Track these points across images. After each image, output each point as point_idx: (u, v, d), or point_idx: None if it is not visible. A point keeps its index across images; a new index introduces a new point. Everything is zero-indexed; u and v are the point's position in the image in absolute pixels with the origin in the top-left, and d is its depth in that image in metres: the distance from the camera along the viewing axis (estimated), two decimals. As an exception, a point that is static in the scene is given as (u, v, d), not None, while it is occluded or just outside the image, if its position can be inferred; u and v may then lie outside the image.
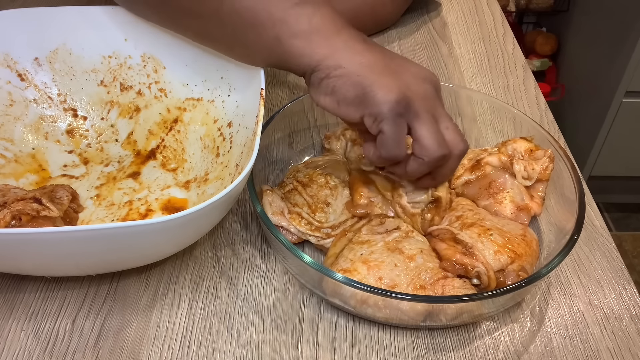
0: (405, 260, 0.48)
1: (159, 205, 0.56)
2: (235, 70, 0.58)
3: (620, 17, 1.55)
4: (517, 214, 0.54)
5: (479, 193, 0.56)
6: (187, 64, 0.61)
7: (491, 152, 0.58)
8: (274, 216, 0.52)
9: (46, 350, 0.46)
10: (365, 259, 0.48)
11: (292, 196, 0.55)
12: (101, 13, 0.61)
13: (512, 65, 0.81)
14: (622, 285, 0.53)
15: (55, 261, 0.45)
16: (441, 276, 0.47)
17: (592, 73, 1.71)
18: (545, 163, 0.55)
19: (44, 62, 0.62)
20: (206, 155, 0.59)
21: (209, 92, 0.60)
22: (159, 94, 0.62)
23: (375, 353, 0.47)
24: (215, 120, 0.59)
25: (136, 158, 0.61)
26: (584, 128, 1.72)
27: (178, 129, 0.61)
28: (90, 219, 0.55)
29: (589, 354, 0.48)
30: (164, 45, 0.61)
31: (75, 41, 0.62)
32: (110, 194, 0.58)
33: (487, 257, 0.48)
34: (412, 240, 0.51)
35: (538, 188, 0.56)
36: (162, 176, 0.59)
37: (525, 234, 0.51)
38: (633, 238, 1.79)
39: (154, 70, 0.62)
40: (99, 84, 0.63)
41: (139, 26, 0.61)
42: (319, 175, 0.57)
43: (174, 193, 0.57)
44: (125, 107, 0.63)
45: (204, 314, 0.50)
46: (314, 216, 0.53)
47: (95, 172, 0.60)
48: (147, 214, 0.55)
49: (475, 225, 0.51)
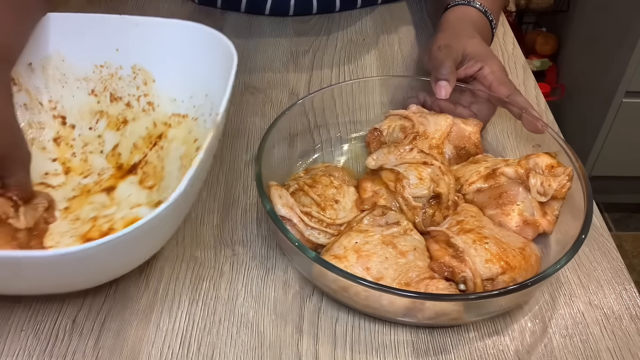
0: (397, 255, 0.49)
1: (123, 224, 0.55)
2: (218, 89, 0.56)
3: (620, 17, 1.55)
4: (522, 227, 0.53)
5: (488, 202, 0.55)
6: (176, 79, 0.61)
7: (510, 163, 0.57)
8: (283, 208, 0.51)
9: (46, 350, 0.46)
10: (358, 248, 0.49)
11: (298, 197, 0.55)
12: (94, 21, 0.61)
13: (512, 65, 0.81)
14: (622, 285, 0.53)
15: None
16: (427, 276, 0.47)
17: (592, 73, 1.71)
18: (563, 181, 0.53)
19: (37, 68, 0.62)
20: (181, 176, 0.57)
21: (194, 110, 0.60)
22: (147, 107, 0.62)
23: (375, 353, 0.47)
24: (195, 140, 0.58)
25: (117, 171, 0.61)
26: (584, 128, 1.72)
27: (162, 144, 0.60)
28: (52, 233, 0.54)
29: (589, 354, 0.48)
30: (155, 58, 0.61)
31: (69, 48, 0.62)
32: (79, 208, 0.57)
33: (477, 264, 0.48)
34: (408, 238, 0.51)
35: (553, 206, 0.54)
36: (136, 193, 0.58)
37: (525, 248, 0.51)
38: (633, 238, 1.79)
39: (144, 83, 0.62)
40: (89, 92, 0.63)
41: (130, 37, 0.61)
42: (323, 176, 0.57)
43: (142, 212, 0.56)
44: (114, 119, 0.63)
45: (204, 314, 0.50)
46: (324, 214, 0.53)
47: (73, 183, 0.59)
48: (108, 232, 0.54)
49: (473, 231, 0.51)
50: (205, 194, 0.60)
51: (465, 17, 0.73)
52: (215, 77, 0.56)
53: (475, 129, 0.62)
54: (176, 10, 0.90)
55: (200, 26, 0.59)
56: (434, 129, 0.61)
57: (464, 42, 0.67)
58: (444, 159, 0.61)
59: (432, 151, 0.60)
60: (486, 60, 0.65)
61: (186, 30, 0.60)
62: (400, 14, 0.92)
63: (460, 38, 0.68)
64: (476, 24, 0.72)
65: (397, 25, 0.89)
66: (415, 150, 0.57)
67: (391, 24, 0.89)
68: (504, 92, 0.64)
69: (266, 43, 0.84)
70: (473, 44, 0.68)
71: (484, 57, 0.66)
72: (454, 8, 0.75)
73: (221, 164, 0.64)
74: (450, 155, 0.62)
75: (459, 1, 0.75)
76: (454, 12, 0.74)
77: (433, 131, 0.61)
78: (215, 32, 0.57)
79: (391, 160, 0.57)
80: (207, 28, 0.58)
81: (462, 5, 0.74)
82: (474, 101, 0.66)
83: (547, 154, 0.56)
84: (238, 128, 0.69)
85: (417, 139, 0.61)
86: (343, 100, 0.67)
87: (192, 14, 0.89)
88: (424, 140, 0.61)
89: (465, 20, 0.72)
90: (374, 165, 0.57)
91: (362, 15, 0.91)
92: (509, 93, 0.63)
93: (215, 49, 0.57)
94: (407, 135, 0.62)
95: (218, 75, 0.55)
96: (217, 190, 0.61)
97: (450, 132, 0.62)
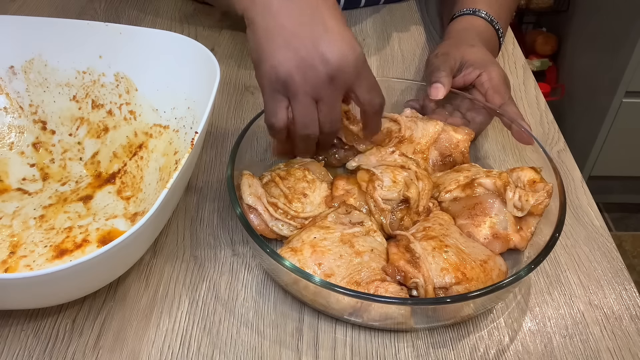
0: (352, 254, 0.49)
1: (98, 236, 0.54)
2: (201, 102, 0.56)
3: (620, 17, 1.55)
4: (491, 240, 0.52)
5: (461, 211, 0.55)
6: (159, 89, 0.61)
7: (491, 174, 0.56)
8: (250, 197, 0.52)
9: (46, 350, 0.46)
10: (315, 243, 0.49)
11: (269, 188, 0.55)
12: (78, 27, 0.61)
13: (512, 65, 0.81)
14: (622, 285, 0.53)
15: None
16: (379, 278, 0.47)
17: (592, 73, 1.71)
18: (541, 197, 0.52)
19: (19, 71, 0.62)
20: (160, 188, 0.57)
21: (176, 121, 0.59)
22: (129, 116, 0.62)
23: (375, 353, 0.47)
24: (176, 152, 0.58)
25: (95, 180, 0.60)
26: (584, 128, 1.72)
27: (142, 155, 0.60)
28: (25, 242, 0.54)
29: (589, 354, 0.48)
30: (138, 67, 0.61)
31: (52, 53, 0.62)
32: (55, 217, 0.56)
33: (431, 272, 0.47)
34: (369, 239, 0.51)
35: (530, 222, 0.53)
36: (113, 204, 0.58)
37: (488, 261, 0.50)
38: (633, 238, 1.79)
39: (126, 91, 0.62)
40: (71, 98, 0.63)
41: (115, 44, 0.61)
42: (297, 170, 0.57)
43: (117, 224, 0.56)
44: (95, 126, 0.63)
45: (204, 314, 0.50)
46: (290, 206, 0.54)
47: (50, 190, 0.59)
48: (82, 244, 0.54)
49: (436, 239, 0.50)
50: (205, 194, 0.60)
51: (470, 27, 0.72)
52: (199, 90, 0.56)
53: (465, 137, 0.62)
54: (176, 9, 0.90)
55: (185, 38, 0.59)
56: (421, 134, 0.62)
57: (462, 50, 0.67)
58: (427, 165, 0.61)
59: (416, 156, 0.60)
60: (485, 68, 0.65)
61: (170, 41, 0.60)
62: (401, 14, 0.92)
63: (459, 46, 0.68)
64: (481, 34, 0.72)
65: (397, 26, 0.89)
66: (397, 153, 0.58)
67: (391, 24, 0.89)
68: (497, 101, 0.63)
69: (266, 43, 0.84)
70: (472, 52, 0.67)
71: (483, 64, 0.65)
72: (460, 18, 0.74)
73: (222, 163, 0.64)
74: (435, 161, 0.61)
75: (464, 11, 0.74)
76: (460, 22, 0.74)
77: (420, 136, 0.61)
78: (200, 45, 0.57)
79: (372, 161, 0.57)
80: (192, 40, 0.58)
81: (468, 15, 0.74)
82: (469, 108, 0.66)
83: (532, 169, 0.55)
84: (238, 128, 0.69)
85: (402, 143, 0.61)
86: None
87: (192, 14, 0.89)
88: (409, 145, 0.61)
89: (469, 31, 0.72)
90: (354, 165, 0.58)
91: (363, 15, 0.91)
92: (502, 102, 0.63)
93: (200, 62, 0.57)
94: (391, 139, 0.62)
95: (201, 88, 0.55)
96: (217, 190, 0.61)
97: (438, 138, 0.61)
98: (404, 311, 0.46)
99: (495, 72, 0.65)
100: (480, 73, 0.65)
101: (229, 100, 0.73)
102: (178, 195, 0.52)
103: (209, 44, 0.83)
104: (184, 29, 0.86)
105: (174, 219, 0.58)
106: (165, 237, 0.56)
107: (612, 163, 1.70)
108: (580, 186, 0.63)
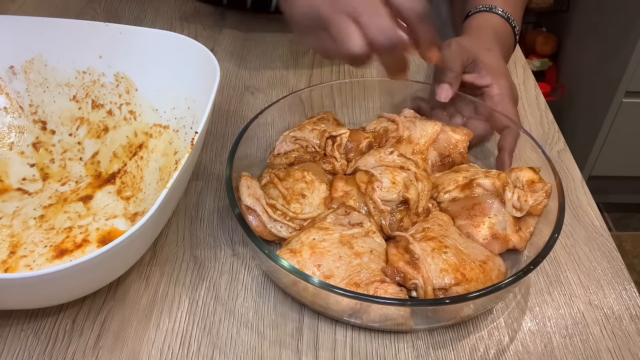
0: (352, 255, 0.49)
1: (97, 236, 0.54)
2: (201, 102, 0.56)
3: (620, 18, 1.55)
4: (490, 241, 0.52)
5: (460, 212, 0.55)
6: (159, 89, 0.61)
7: (490, 174, 0.56)
8: (249, 198, 0.52)
9: (46, 350, 0.46)
10: (314, 245, 0.49)
11: (268, 189, 0.55)
12: (78, 27, 0.61)
13: (512, 65, 0.81)
14: (622, 285, 0.53)
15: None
16: (378, 279, 0.47)
17: (592, 73, 1.71)
18: (540, 197, 0.52)
19: (19, 71, 0.62)
20: (160, 189, 0.57)
21: (176, 121, 0.59)
22: (128, 116, 0.62)
23: (375, 353, 0.47)
24: (176, 152, 0.58)
25: (94, 180, 0.60)
26: (584, 128, 1.72)
27: (142, 155, 0.60)
28: (25, 242, 0.54)
29: (589, 354, 0.48)
30: (138, 67, 0.61)
31: (52, 53, 0.62)
32: (55, 217, 0.56)
33: (431, 273, 0.47)
34: (368, 240, 0.51)
35: (529, 222, 0.53)
36: (113, 204, 0.58)
37: (487, 262, 0.50)
38: (633, 238, 1.79)
39: (126, 91, 0.62)
40: (71, 98, 0.63)
41: (115, 44, 0.61)
42: (296, 171, 0.57)
43: (117, 224, 0.56)
44: (95, 126, 0.63)
45: (204, 314, 0.50)
46: (288, 207, 0.54)
47: (50, 190, 0.59)
48: (82, 244, 0.54)
49: (435, 239, 0.50)
50: (205, 194, 0.60)
51: (487, 25, 0.71)
52: (199, 90, 0.56)
53: (463, 137, 0.62)
54: (176, 9, 0.90)
55: (185, 38, 0.59)
56: (420, 135, 0.61)
57: (479, 49, 0.66)
58: (427, 166, 0.61)
59: (415, 157, 0.60)
60: (497, 79, 0.64)
61: (170, 41, 0.60)
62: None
63: (476, 44, 0.67)
64: (498, 33, 0.70)
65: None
66: (396, 154, 0.57)
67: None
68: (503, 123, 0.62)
69: (266, 43, 0.84)
70: (488, 56, 0.66)
71: (496, 74, 0.64)
72: (476, 15, 0.73)
73: (222, 163, 0.64)
74: (433, 162, 0.61)
75: (480, 8, 0.73)
76: (476, 19, 0.72)
77: (418, 137, 0.61)
78: (200, 45, 0.57)
79: (370, 162, 0.57)
80: (192, 40, 0.58)
81: (484, 11, 0.72)
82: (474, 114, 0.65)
83: (531, 169, 0.55)
84: (238, 128, 0.69)
85: (401, 143, 0.61)
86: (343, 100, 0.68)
87: (192, 14, 0.89)
88: (407, 145, 0.61)
89: (487, 29, 0.70)
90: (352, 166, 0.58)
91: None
92: (506, 126, 0.61)
93: (200, 62, 0.57)
94: (389, 139, 0.62)
95: (201, 88, 0.55)
96: (217, 191, 0.61)
97: (436, 139, 0.61)
98: (404, 312, 0.46)
99: (505, 87, 0.64)
100: (491, 83, 0.64)
101: (229, 100, 0.73)
102: (178, 195, 0.52)
103: (209, 44, 0.83)
104: (184, 29, 0.86)
105: (174, 219, 0.58)
106: (165, 237, 0.56)
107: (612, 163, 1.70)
108: (580, 186, 0.63)
